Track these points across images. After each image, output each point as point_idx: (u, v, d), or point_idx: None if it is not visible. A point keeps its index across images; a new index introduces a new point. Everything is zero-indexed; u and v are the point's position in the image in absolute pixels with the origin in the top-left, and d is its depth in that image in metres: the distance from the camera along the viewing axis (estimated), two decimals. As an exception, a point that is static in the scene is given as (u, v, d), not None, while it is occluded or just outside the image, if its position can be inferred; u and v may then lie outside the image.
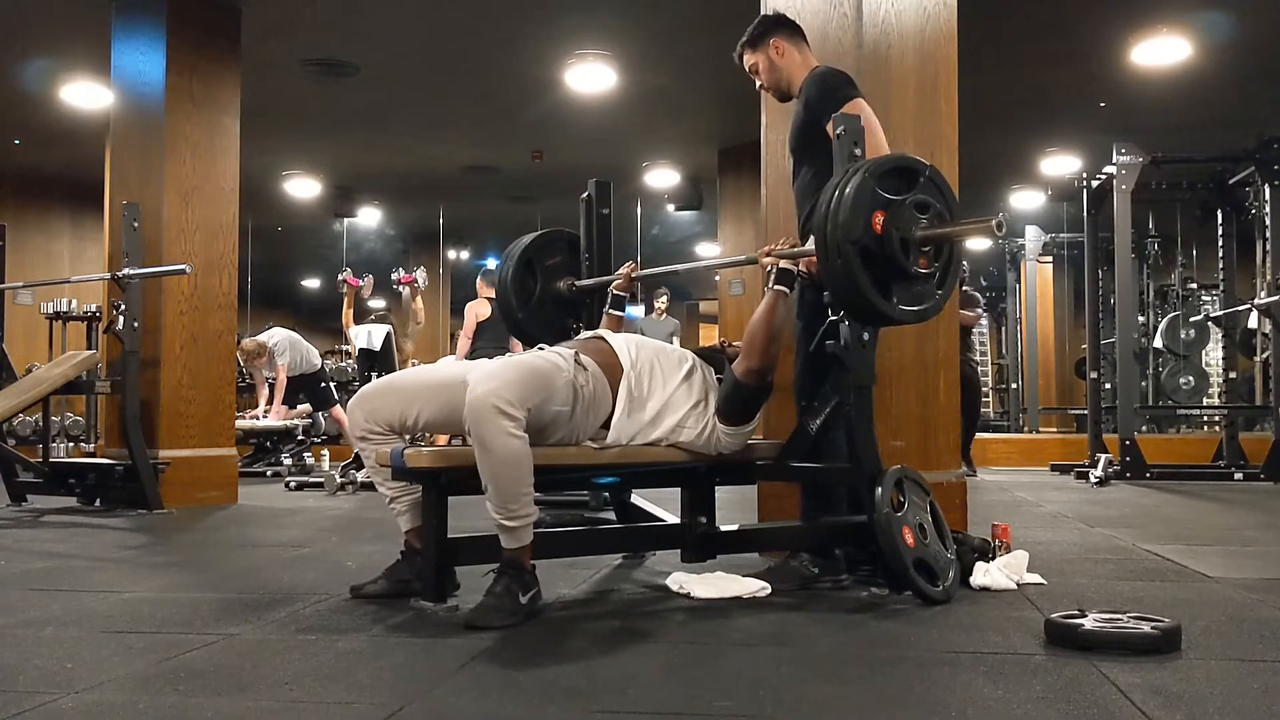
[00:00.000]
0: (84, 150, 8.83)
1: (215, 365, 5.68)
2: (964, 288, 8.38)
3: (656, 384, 2.75)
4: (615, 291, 3.29)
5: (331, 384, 8.27)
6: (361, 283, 8.06)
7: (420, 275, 8.20)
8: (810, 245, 2.71)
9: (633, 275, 3.30)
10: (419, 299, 8.30)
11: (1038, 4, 6.54)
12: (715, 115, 8.48)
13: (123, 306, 4.96)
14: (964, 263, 7.74)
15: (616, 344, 2.78)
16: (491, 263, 8.48)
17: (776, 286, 2.79)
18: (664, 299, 9.37)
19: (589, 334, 2.99)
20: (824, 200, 2.57)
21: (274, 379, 8.23)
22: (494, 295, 8.30)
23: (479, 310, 7.00)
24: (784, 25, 3.18)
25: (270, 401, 8.33)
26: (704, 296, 18.80)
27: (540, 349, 2.75)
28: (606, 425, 2.69)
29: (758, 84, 3.22)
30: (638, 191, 10.98)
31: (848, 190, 2.52)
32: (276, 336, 8.15)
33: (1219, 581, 2.94)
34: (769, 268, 2.83)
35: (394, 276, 8.41)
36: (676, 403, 2.75)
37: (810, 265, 2.80)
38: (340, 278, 8.14)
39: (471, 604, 2.40)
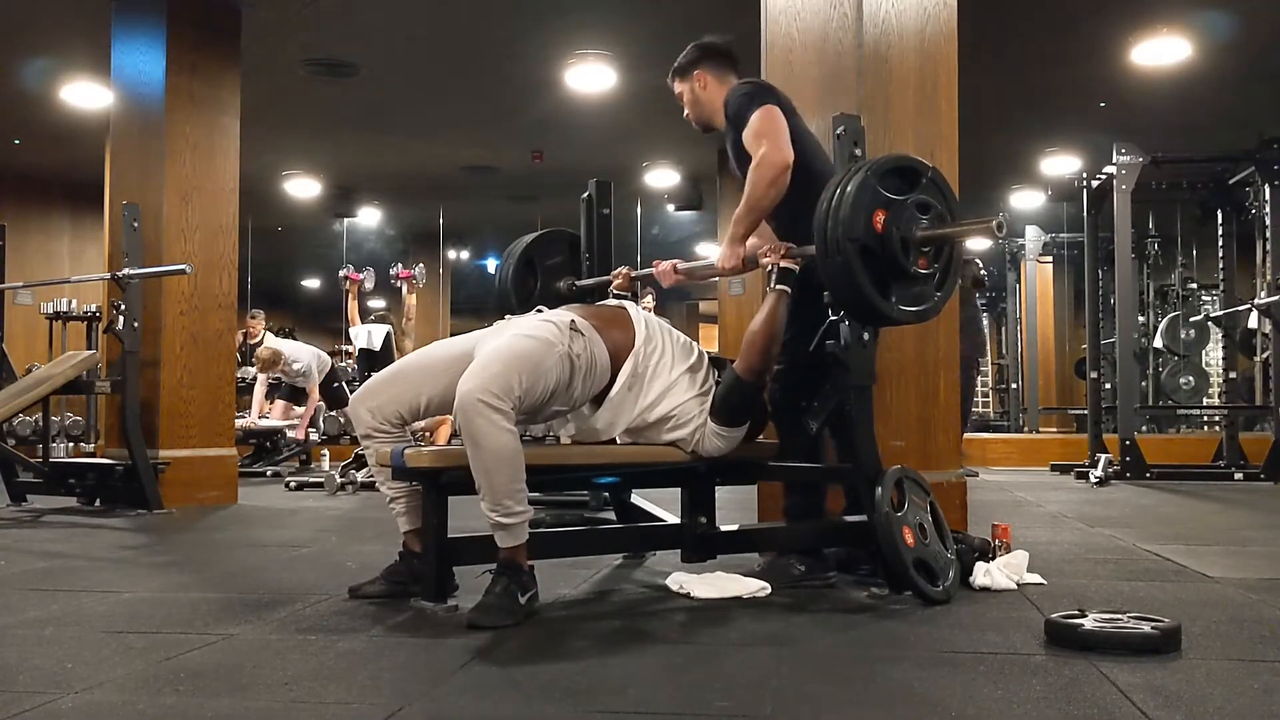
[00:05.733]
0: (84, 150, 8.83)
1: (215, 365, 5.68)
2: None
3: (664, 366, 2.73)
4: (616, 291, 3.29)
5: (344, 384, 8.30)
6: (363, 275, 8.06)
7: (419, 271, 8.20)
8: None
9: (631, 275, 3.30)
10: (413, 296, 8.30)
11: (1038, 4, 6.53)
12: (715, 115, 8.46)
13: (123, 306, 4.96)
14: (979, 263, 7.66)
15: (635, 316, 2.77)
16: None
17: (779, 286, 2.78)
18: (650, 298, 9.35)
19: (614, 302, 2.98)
20: (825, 198, 2.56)
21: (283, 381, 8.22)
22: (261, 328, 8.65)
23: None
24: (711, 56, 3.09)
25: (269, 402, 8.33)
26: (704, 296, 18.78)
27: (539, 310, 2.75)
28: (601, 398, 2.68)
29: (685, 114, 3.15)
30: (638, 191, 10.98)
31: (849, 188, 2.52)
32: (301, 355, 8.09)
33: (1219, 581, 2.94)
34: (769, 268, 2.82)
35: (392, 272, 8.42)
36: (676, 391, 2.73)
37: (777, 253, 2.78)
38: (341, 274, 8.14)
39: (471, 604, 2.39)
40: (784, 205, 2.81)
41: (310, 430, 7.89)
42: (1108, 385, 8.23)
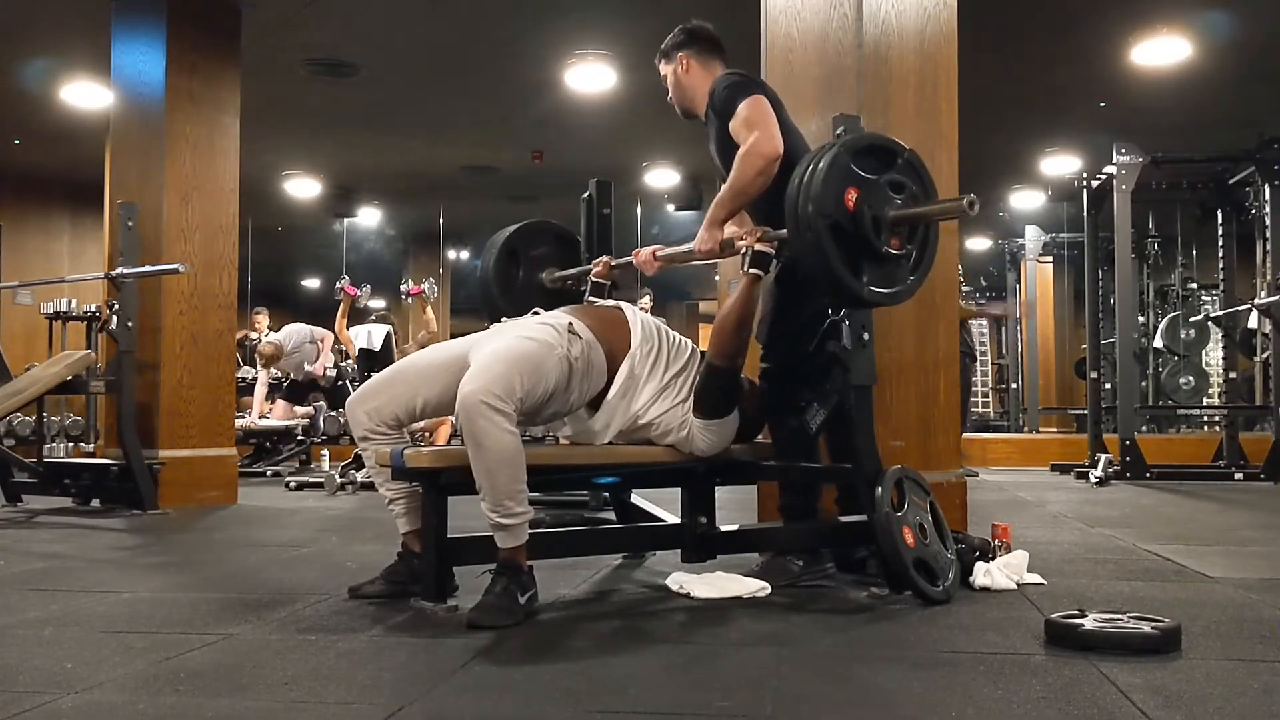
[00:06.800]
0: (84, 150, 8.83)
1: (215, 365, 5.68)
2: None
3: (658, 368, 2.74)
4: (595, 279, 3.26)
5: (346, 382, 8.31)
6: (358, 292, 8.06)
7: (428, 286, 8.21)
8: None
9: (612, 264, 3.28)
10: (429, 309, 8.32)
11: (1038, 4, 6.53)
12: (715, 115, 8.46)
13: (117, 306, 4.96)
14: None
15: (631, 318, 2.79)
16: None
17: (752, 270, 2.75)
18: (647, 299, 9.35)
19: (610, 302, 2.99)
20: (797, 174, 2.53)
21: (286, 376, 8.23)
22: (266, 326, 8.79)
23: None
24: (696, 41, 3.07)
25: (270, 402, 8.33)
26: (703, 296, 18.79)
27: (535, 313, 2.77)
28: (598, 402, 2.69)
29: (668, 96, 3.14)
30: (638, 191, 10.98)
31: (821, 164, 2.49)
32: (289, 335, 8.10)
33: (1219, 581, 2.94)
34: (744, 250, 2.79)
35: (403, 289, 8.44)
36: (669, 393, 2.74)
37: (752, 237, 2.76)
38: (338, 285, 8.14)
39: (471, 604, 2.39)
40: (763, 195, 2.79)
41: (326, 366, 8.06)
42: (1108, 385, 8.23)
